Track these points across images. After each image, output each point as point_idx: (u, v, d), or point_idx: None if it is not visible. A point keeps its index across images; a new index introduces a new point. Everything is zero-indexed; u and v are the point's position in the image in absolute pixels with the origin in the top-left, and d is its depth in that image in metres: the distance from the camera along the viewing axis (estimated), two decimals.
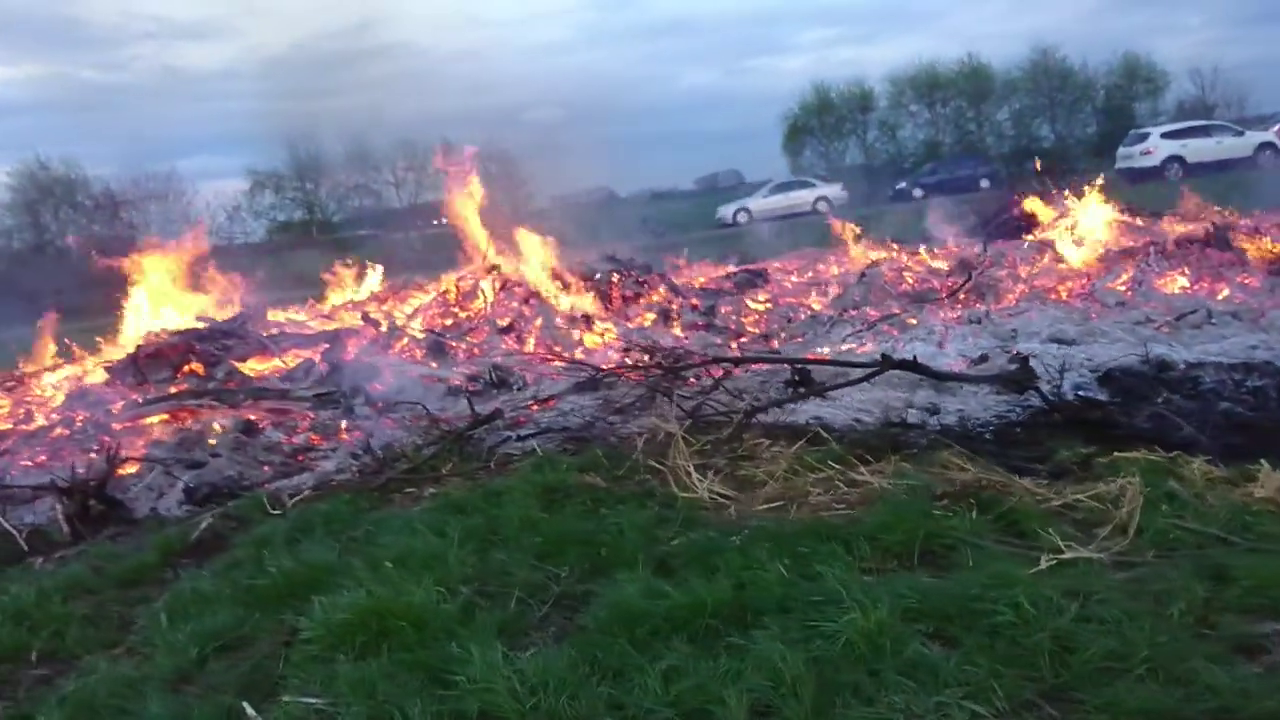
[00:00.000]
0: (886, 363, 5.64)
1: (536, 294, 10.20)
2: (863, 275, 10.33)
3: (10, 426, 8.70)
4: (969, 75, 49.13)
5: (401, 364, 8.39)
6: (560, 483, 4.80)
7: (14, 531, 5.48)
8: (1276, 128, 34.69)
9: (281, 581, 3.87)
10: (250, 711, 2.93)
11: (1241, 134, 31.73)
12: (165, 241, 12.82)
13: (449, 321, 11.14)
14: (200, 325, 10.46)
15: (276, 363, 10.27)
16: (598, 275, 11.54)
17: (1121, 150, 31.74)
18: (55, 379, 11.06)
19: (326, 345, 10.46)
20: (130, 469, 6.40)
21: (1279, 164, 29.94)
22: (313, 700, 2.92)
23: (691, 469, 4.59)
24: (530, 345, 9.43)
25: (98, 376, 10.35)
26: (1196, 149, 30.34)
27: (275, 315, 12.40)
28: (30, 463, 6.96)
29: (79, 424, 8.67)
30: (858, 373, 5.66)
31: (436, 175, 45.74)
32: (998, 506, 3.75)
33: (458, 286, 11.91)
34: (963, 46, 77.38)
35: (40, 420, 9.28)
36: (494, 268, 11.92)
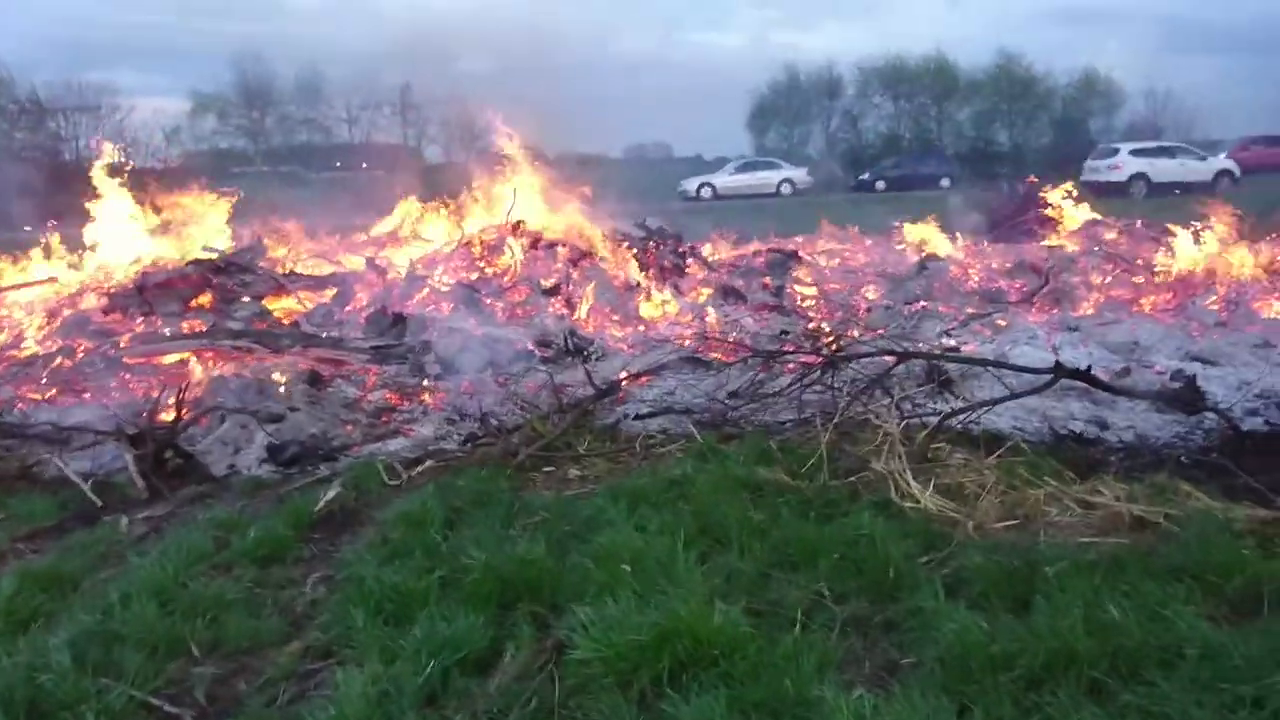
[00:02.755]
0: (1060, 371, 5.26)
1: (587, 256, 9.57)
2: (922, 268, 9.97)
3: None
4: (935, 72, 49.42)
5: (463, 321, 7.72)
6: (750, 478, 4.31)
7: (80, 482, 4.76)
8: (1226, 153, 35.76)
9: (493, 579, 3.30)
10: None
11: (1204, 159, 32.51)
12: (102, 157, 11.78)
13: (474, 276, 10.46)
14: (212, 257, 9.57)
15: (292, 303, 9.51)
16: (634, 242, 10.99)
17: (1089, 163, 32.19)
18: (24, 299, 10.05)
19: (350, 287, 9.75)
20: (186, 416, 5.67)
21: (1235, 190, 30.78)
22: None
23: (910, 475, 4.14)
24: (583, 311, 8.84)
25: (90, 302, 9.42)
26: (1161, 169, 31.00)
27: (277, 251, 11.52)
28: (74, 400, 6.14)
29: (81, 355, 7.83)
30: (1021, 379, 5.28)
31: (392, 115, 44.20)
32: None
33: (481, 240, 11.21)
34: (896, 43, 78.39)
35: (33, 346, 8.37)
36: (519, 223, 11.26)
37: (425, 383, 6.41)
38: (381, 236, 13.65)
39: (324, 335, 7.64)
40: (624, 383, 6.30)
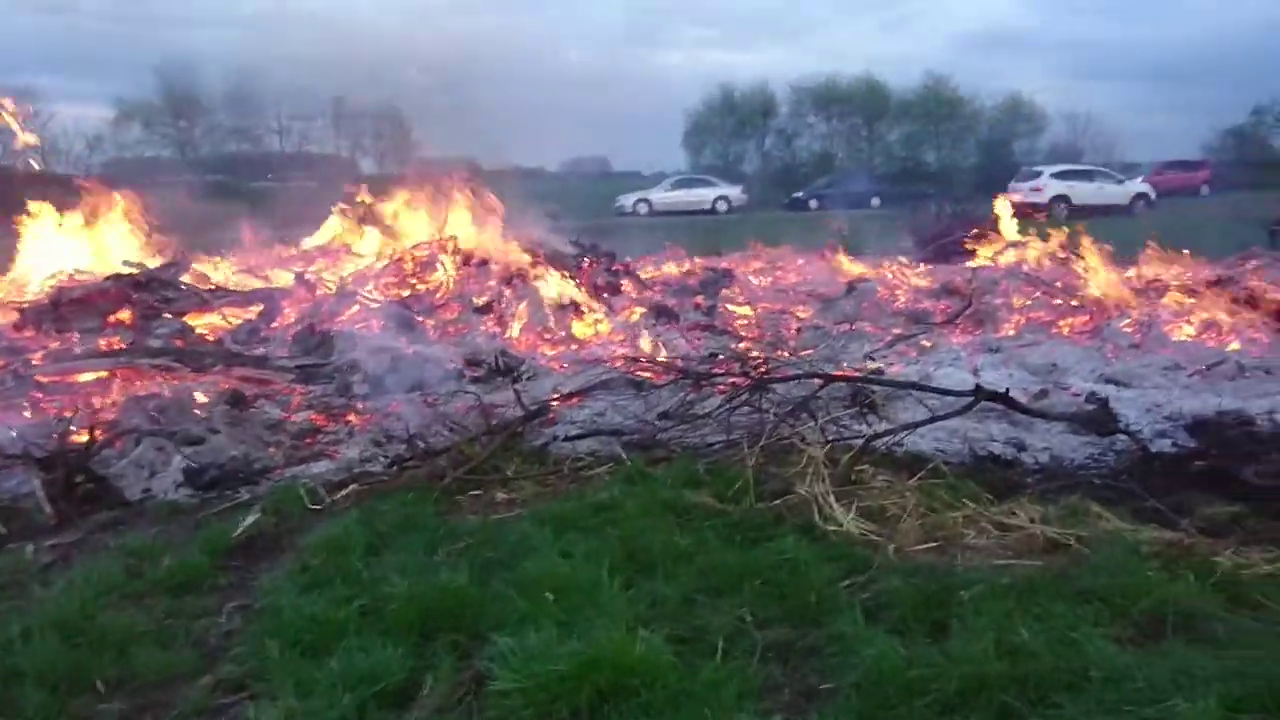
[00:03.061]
0: (980, 394, 5.40)
1: (520, 274, 9.53)
2: (851, 288, 10.14)
3: None
4: (866, 93, 50.47)
5: (392, 340, 7.62)
6: (678, 501, 4.33)
7: None
8: (1141, 178, 37.17)
9: (414, 608, 3.26)
10: None
11: (1121, 182, 33.75)
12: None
13: (406, 293, 10.35)
14: (133, 271, 9.31)
15: (216, 320, 9.30)
16: (567, 260, 10.99)
17: (1013, 184, 33.09)
18: None
19: (277, 303, 9.57)
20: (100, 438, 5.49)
21: (1150, 213, 31.96)
22: None
23: (833, 497, 4.20)
24: (516, 330, 8.80)
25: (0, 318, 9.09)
26: (1081, 191, 32.09)
27: (203, 267, 11.27)
28: None
29: None
30: (946, 403, 5.40)
31: (325, 126, 43.55)
32: (1209, 572, 3.53)
33: (414, 256, 11.10)
34: (829, 64, 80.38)
35: None
36: (451, 239, 11.19)
37: (352, 403, 6.31)
38: (312, 251, 13.44)
39: (248, 354, 7.48)
40: (554, 404, 6.28)
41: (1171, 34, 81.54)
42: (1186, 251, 11.35)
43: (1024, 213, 29.39)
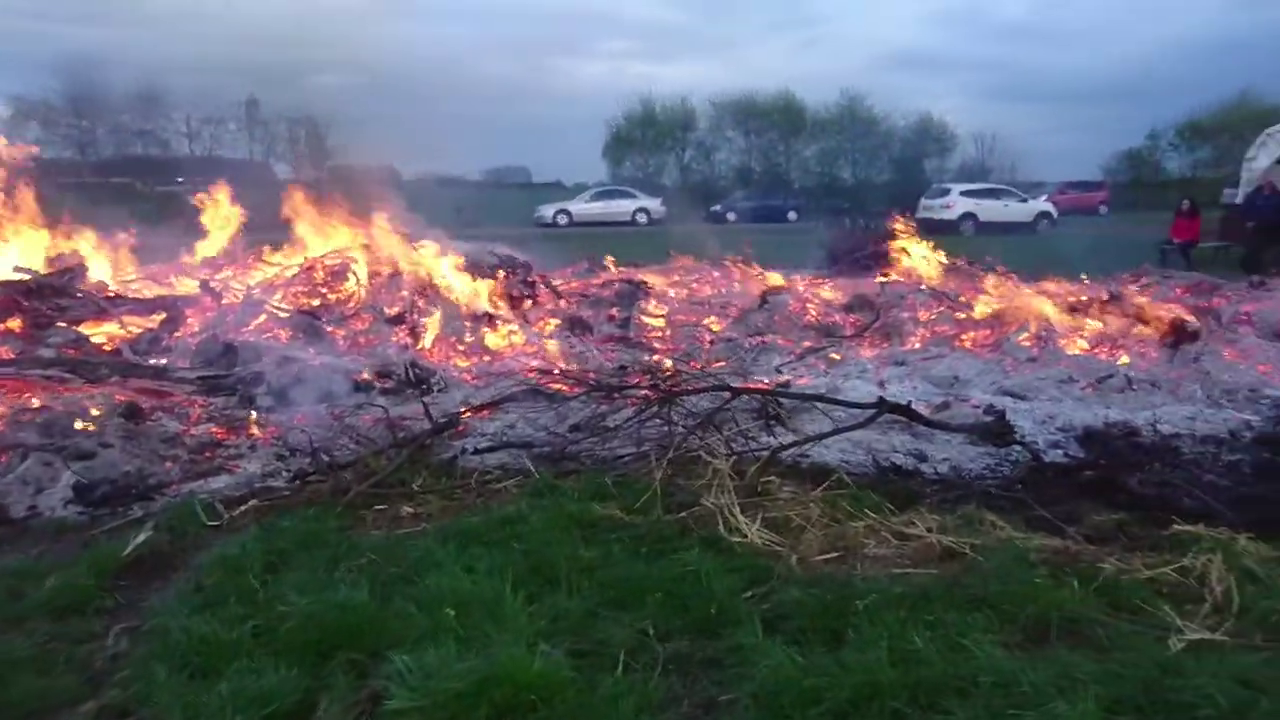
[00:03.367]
0: (883, 406, 5.54)
1: (432, 285, 9.43)
2: (764, 301, 10.29)
3: None
4: (784, 110, 51.36)
5: (300, 351, 7.45)
6: (585, 515, 4.33)
7: None
8: (1045, 196, 38.59)
9: (311, 628, 3.19)
10: None
11: (1025, 201, 34.95)
12: None
13: (316, 302, 10.14)
14: (24, 278, 8.93)
15: (114, 329, 8.97)
16: (483, 270, 10.90)
17: (924, 201, 34.09)
18: None
19: (180, 311, 9.28)
20: None
21: (1053, 231, 33.21)
22: None
23: (739, 509, 4.25)
24: (428, 341, 8.69)
25: None
26: (988, 209, 33.17)
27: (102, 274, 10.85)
28: None
29: None
30: (847, 414, 5.52)
31: (237, 130, 42.42)
32: (1092, 577, 3.67)
33: (324, 265, 10.88)
34: (748, 80, 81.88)
35: None
36: (365, 247, 11.01)
37: (255, 416, 6.14)
38: (220, 258, 13.05)
39: (147, 364, 7.23)
40: (464, 416, 6.23)
41: (1075, 59, 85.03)
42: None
43: (934, 229, 30.52)
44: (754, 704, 2.80)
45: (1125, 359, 8.00)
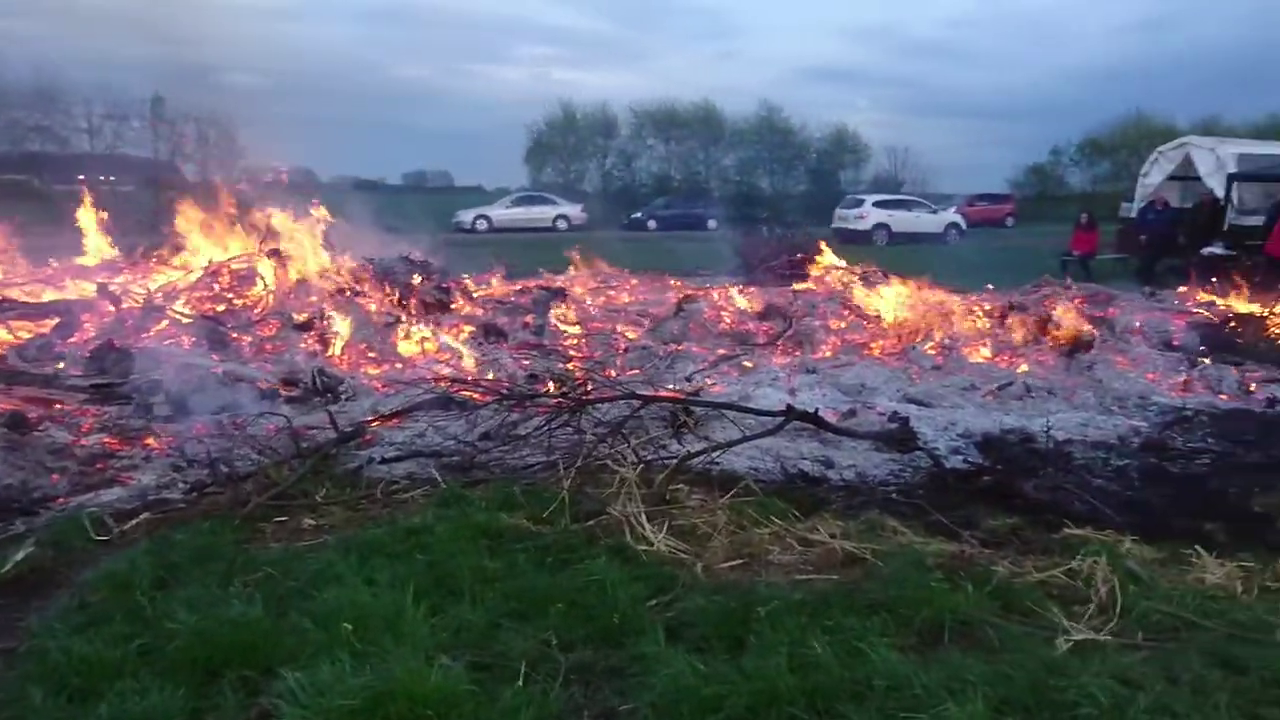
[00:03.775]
0: (791, 413, 5.62)
1: (343, 291, 9.24)
2: (680, 309, 10.36)
3: None
4: (703, 119, 51.88)
5: (201, 358, 7.22)
6: (491, 525, 4.28)
7: None
8: (954, 208, 39.73)
9: (200, 645, 3.09)
10: None
11: (935, 212, 35.91)
12: None
13: (220, 308, 9.86)
14: None
15: (2, 334, 8.59)
16: (396, 276, 10.74)
17: (839, 211, 34.76)
18: None
19: (75, 316, 8.91)
20: None
21: (961, 241, 34.21)
22: None
23: (645, 518, 4.26)
24: (338, 348, 8.51)
25: None
26: (900, 220, 33.97)
27: None
28: None
29: None
30: (755, 422, 5.58)
31: (141, 128, 41.03)
32: (986, 580, 3.78)
33: (229, 269, 10.59)
34: (669, 89, 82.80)
35: None
36: (274, 252, 10.75)
37: (151, 425, 5.93)
38: (119, 260, 12.58)
39: (36, 371, 6.92)
40: (371, 425, 6.12)
41: (984, 78, 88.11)
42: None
43: (848, 239, 31.14)
44: (654, 713, 2.81)
45: (1024, 367, 8.27)
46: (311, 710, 2.65)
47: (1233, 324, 10.25)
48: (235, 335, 8.89)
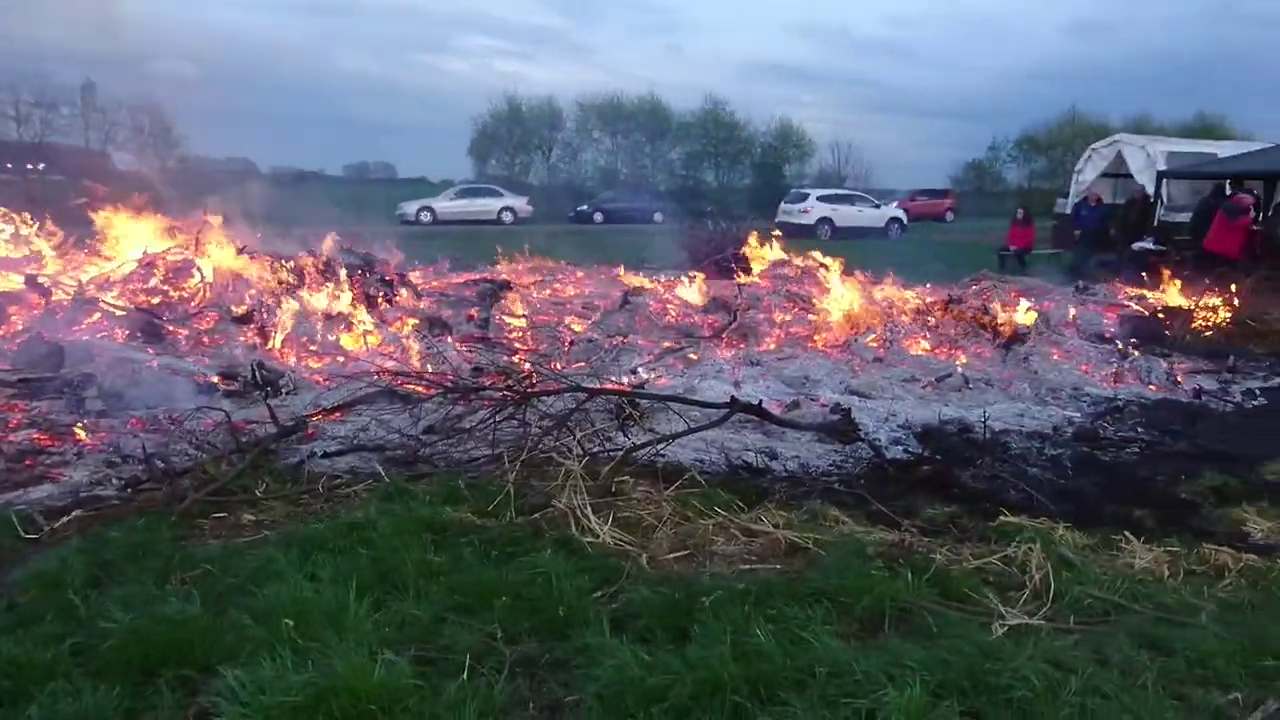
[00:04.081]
0: (735, 405, 5.67)
1: (287, 284, 9.08)
2: (625, 302, 10.37)
3: None
4: (649, 113, 51.88)
5: (136, 351, 7.05)
6: (435, 519, 4.26)
7: None
8: (896, 203, 40.34)
9: (136, 644, 3.03)
10: None
11: (878, 207, 36.40)
12: None
13: (156, 300, 9.62)
14: None
15: None
16: (340, 269, 10.58)
17: (784, 205, 35.08)
18: None
19: (2, 309, 8.63)
20: None
21: (903, 236, 34.75)
22: None
23: (590, 510, 4.27)
24: (278, 341, 8.36)
25: None
26: (844, 214, 34.40)
27: None
28: None
29: None
30: (700, 414, 5.62)
31: (71, 117, 39.84)
32: (925, 568, 3.86)
33: (166, 260, 10.33)
34: (615, 82, 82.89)
35: None
36: (211, 242, 10.51)
37: (83, 420, 5.77)
38: (50, 252, 12.20)
39: None
40: (313, 419, 6.03)
41: (927, 76, 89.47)
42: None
43: (793, 233, 31.43)
44: (599, 704, 2.82)
45: (963, 359, 8.43)
46: (252, 708, 2.61)
47: (1162, 317, 10.56)
48: (171, 328, 8.69)
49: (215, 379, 6.84)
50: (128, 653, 3.00)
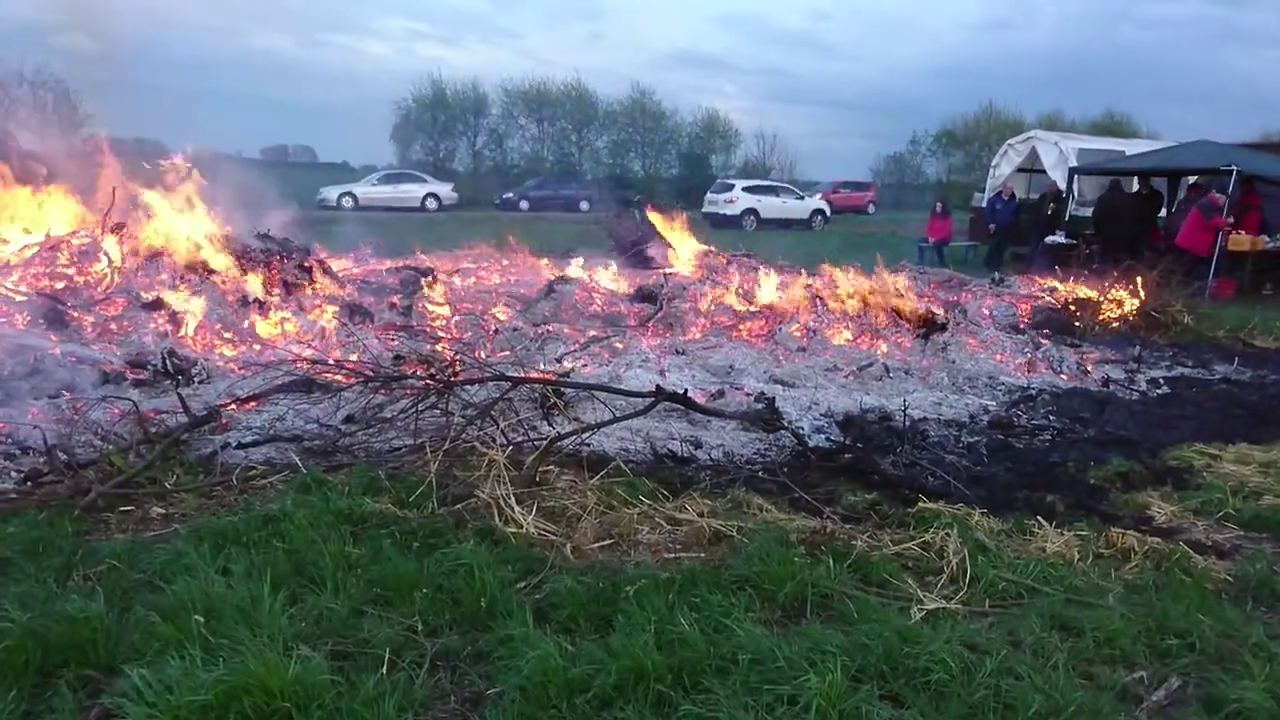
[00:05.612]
0: (660, 395, 5.66)
1: (198, 268, 8.79)
2: (550, 290, 10.29)
3: None
4: (575, 100, 51.63)
5: (37, 339, 6.74)
6: (354, 510, 4.16)
7: None
8: (820, 195, 40.94)
9: (34, 644, 2.89)
10: None
11: (802, 198, 36.90)
12: None
13: (60, 285, 9.22)
14: None
15: None
16: (254, 254, 10.27)
17: (709, 196, 35.28)
18: None
19: None
20: None
21: (826, 227, 35.27)
22: None
23: (514, 500, 4.22)
24: (190, 328, 8.09)
25: None
26: (768, 205, 34.77)
27: None
28: None
29: None
30: (629, 402, 5.61)
31: None
32: (846, 555, 3.91)
33: (70, 243, 9.90)
34: (541, 69, 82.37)
35: None
36: (120, 226, 10.11)
37: None
38: None
39: None
40: (227, 408, 5.85)
41: (847, 69, 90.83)
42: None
43: (718, 223, 31.64)
44: (521, 696, 2.79)
45: (883, 348, 8.59)
46: (158, 708, 2.51)
47: (1072, 308, 10.90)
48: (76, 314, 8.34)
49: (123, 367, 6.58)
50: (25, 653, 2.87)
